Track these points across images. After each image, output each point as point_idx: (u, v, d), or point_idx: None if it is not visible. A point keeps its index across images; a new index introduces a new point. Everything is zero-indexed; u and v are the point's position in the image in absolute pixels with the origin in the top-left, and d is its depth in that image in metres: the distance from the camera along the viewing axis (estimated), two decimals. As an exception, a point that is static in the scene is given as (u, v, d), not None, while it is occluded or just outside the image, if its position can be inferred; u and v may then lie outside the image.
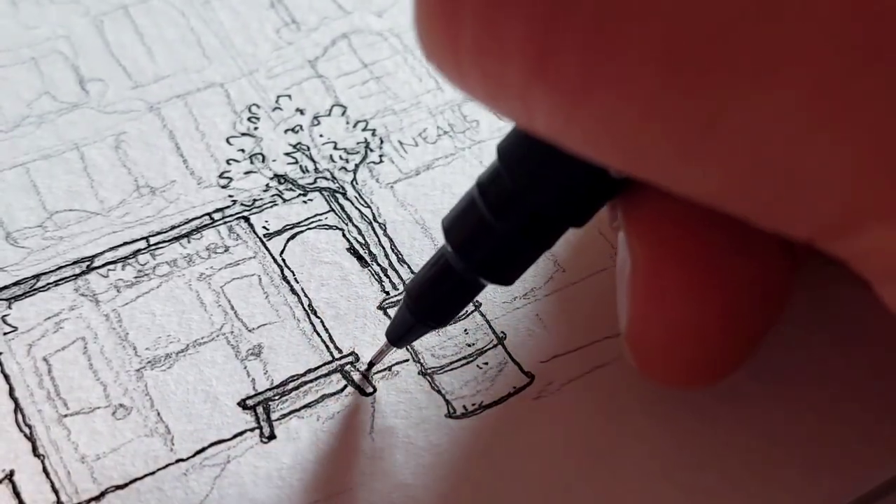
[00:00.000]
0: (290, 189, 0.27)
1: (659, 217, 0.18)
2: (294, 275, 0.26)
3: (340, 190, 0.27)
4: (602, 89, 0.13)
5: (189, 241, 0.26)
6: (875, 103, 0.12)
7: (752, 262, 0.18)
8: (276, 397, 0.23)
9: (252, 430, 0.23)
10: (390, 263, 0.26)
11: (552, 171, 0.18)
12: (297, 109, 0.29)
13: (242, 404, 0.23)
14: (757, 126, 0.12)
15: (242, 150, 0.28)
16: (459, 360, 0.24)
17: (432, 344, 0.24)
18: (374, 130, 0.28)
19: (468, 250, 0.20)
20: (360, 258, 0.26)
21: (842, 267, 0.24)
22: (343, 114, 0.29)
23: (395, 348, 0.23)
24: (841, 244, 0.14)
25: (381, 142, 0.28)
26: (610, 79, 0.13)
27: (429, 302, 0.21)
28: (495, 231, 0.19)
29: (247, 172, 0.27)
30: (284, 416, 0.23)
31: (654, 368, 0.20)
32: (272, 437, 0.23)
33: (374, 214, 0.27)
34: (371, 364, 0.24)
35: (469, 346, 0.24)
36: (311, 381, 0.24)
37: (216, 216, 0.26)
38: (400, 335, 0.22)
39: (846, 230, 0.14)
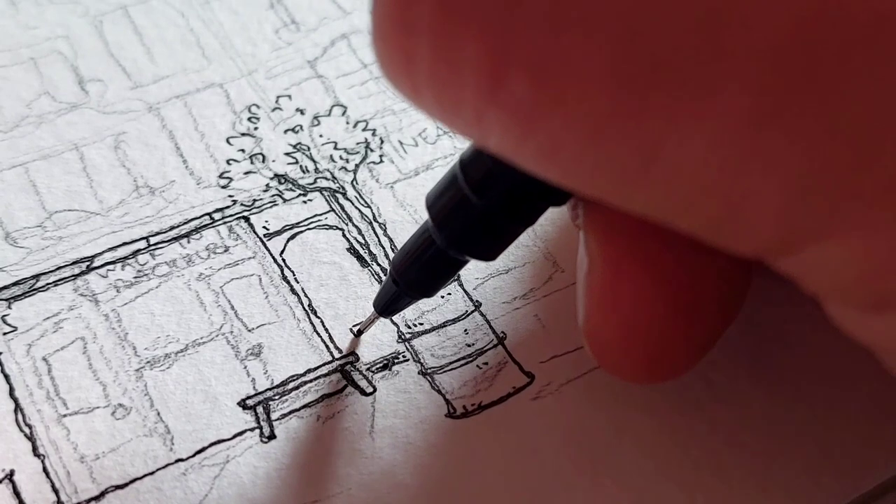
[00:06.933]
0: (290, 189, 0.27)
1: (617, 218, 0.18)
2: (294, 275, 0.26)
3: (340, 190, 0.27)
4: (549, 116, 0.13)
5: (189, 242, 0.26)
6: (802, 134, 0.12)
7: (706, 265, 0.19)
8: (276, 397, 0.23)
9: (252, 429, 0.23)
10: (390, 263, 0.26)
11: None
12: (297, 109, 0.29)
13: (242, 404, 0.23)
14: (694, 155, 0.13)
15: (242, 151, 0.28)
16: (459, 360, 0.24)
17: (432, 344, 0.24)
18: (374, 130, 0.28)
19: (449, 226, 0.20)
20: (360, 258, 0.26)
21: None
22: (343, 114, 0.29)
23: (382, 318, 0.24)
24: (784, 262, 0.15)
25: (381, 142, 0.28)
26: (557, 106, 0.13)
27: (413, 274, 0.22)
28: (475, 208, 0.19)
29: (247, 172, 0.27)
30: (284, 415, 0.23)
31: (611, 364, 0.20)
32: (272, 436, 0.23)
33: (374, 214, 0.27)
34: (360, 332, 0.24)
35: (469, 346, 0.24)
36: (310, 380, 0.24)
37: (216, 216, 0.26)
38: (386, 305, 0.23)
39: (787, 250, 0.14)
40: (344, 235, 0.26)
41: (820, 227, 0.14)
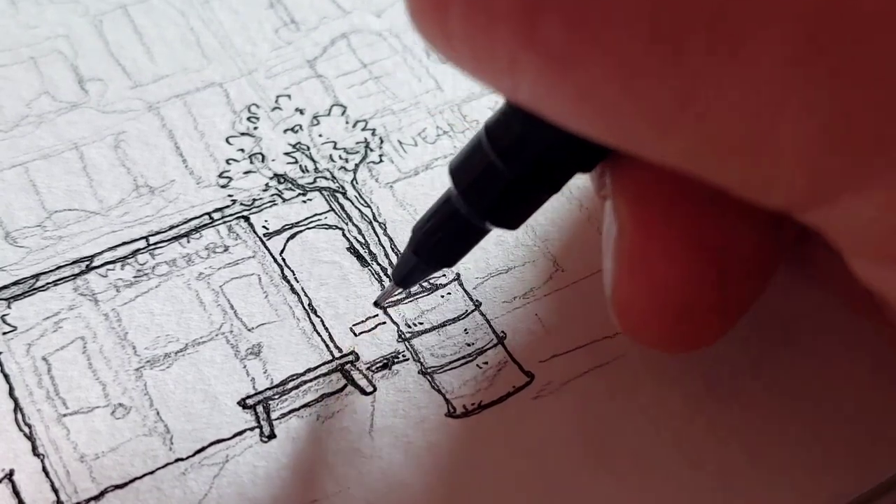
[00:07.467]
0: (290, 189, 0.27)
1: (647, 182, 0.18)
2: (294, 274, 0.25)
3: (340, 189, 0.27)
4: (585, 60, 0.13)
5: (188, 241, 0.26)
6: (840, 79, 0.12)
7: (739, 231, 0.18)
8: (276, 396, 0.23)
9: (252, 429, 0.23)
10: (390, 263, 0.26)
11: None
12: (297, 109, 0.29)
13: (242, 403, 0.23)
14: (730, 99, 0.13)
15: (242, 150, 0.28)
16: (459, 359, 0.24)
17: (432, 343, 0.24)
18: (373, 130, 0.28)
19: (475, 194, 0.19)
20: (359, 258, 0.26)
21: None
22: (342, 113, 0.29)
23: (400, 289, 0.23)
24: (814, 214, 0.14)
25: (381, 141, 0.28)
26: (593, 49, 0.13)
27: (434, 244, 0.21)
28: (502, 175, 0.19)
29: (246, 172, 0.27)
30: (284, 415, 0.23)
31: (639, 332, 0.20)
32: (272, 436, 0.23)
33: (373, 214, 0.27)
34: (377, 304, 0.24)
35: (469, 345, 0.24)
36: (310, 380, 0.24)
37: (215, 216, 0.26)
38: (404, 275, 0.22)
39: (817, 201, 0.14)
40: (344, 235, 0.26)
41: (849, 178, 0.13)
